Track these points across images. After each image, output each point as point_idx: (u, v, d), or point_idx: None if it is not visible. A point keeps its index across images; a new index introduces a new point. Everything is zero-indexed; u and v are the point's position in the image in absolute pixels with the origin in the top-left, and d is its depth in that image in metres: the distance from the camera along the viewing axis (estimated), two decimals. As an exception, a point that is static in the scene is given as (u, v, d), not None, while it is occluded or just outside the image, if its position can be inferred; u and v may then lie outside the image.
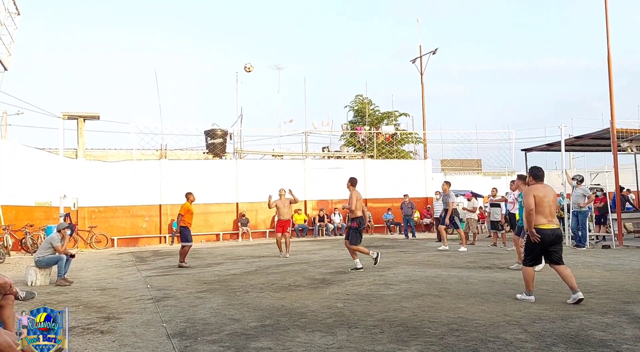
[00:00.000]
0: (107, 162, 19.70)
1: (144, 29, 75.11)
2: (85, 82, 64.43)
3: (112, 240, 18.66)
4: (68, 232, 10.23)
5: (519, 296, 6.54)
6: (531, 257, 6.48)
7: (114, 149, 21.68)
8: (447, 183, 14.42)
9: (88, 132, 19.92)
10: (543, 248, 6.38)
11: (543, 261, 7.00)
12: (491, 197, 15.42)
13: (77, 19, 73.49)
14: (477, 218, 16.86)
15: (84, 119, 19.48)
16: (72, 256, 9.67)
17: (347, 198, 10.66)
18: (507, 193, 14.40)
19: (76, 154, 19.44)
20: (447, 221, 13.96)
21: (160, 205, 19.62)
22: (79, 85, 63.48)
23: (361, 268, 9.73)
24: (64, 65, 66.79)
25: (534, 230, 6.33)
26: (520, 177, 10.57)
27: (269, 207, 13.06)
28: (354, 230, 10.00)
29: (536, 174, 6.64)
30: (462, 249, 13.37)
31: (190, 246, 11.83)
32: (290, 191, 13.12)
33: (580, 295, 6.14)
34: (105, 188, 18.91)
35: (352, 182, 10.34)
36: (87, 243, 18.02)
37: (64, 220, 14.67)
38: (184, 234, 11.71)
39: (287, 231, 13.12)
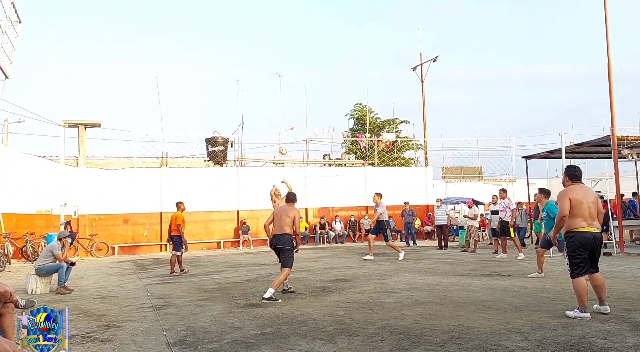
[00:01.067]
0: (108, 170, 19.73)
1: (145, 37, 75.54)
2: (87, 90, 64.70)
3: (113, 248, 18.64)
4: (69, 240, 10.24)
5: (570, 313, 5.84)
6: (577, 264, 5.84)
7: (114, 157, 21.72)
8: (378, 195, 14.47)
9: (89, 140, 19.99)
10: (586, 250, 5.83)
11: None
12: (492, 205, 15.41)
13: (79, 27, 73.90)
14: (478, 225, 16.85)
15: (85, 127, 19.53)
16: (73, 264, 9.66)
17: (348, 206, 10.66)
18: (496, 202, 14.53)
19: (77, 162, 19.47)
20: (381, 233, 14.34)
21: (161, 213, 19.61)
22: (80, 93, 63.74)
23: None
24: (65, 73, 67.11)
25: (556, 236, 6.20)
26: (542, 191, 11.02)
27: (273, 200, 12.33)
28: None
29: (573, 173, 6.13)
30: (401, 256, 13.67)
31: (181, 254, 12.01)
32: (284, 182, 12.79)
33: (605, 308, 5.90)
34: (106, 196, 18.92)
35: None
36: (88, 251, 18.00)
37: (65, 228, 14.67)
38: (179, 243, 11.83)
39: None
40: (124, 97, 65.12)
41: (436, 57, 25.61)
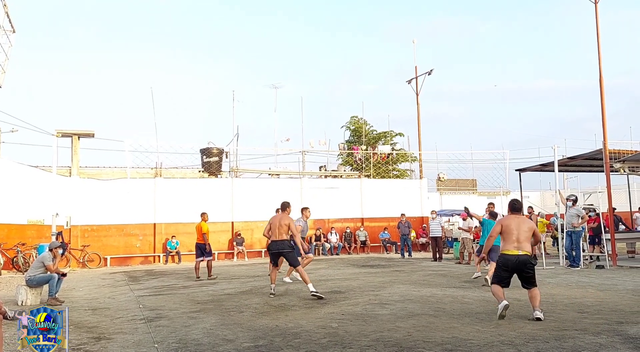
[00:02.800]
0: (101, 180, 19.65)
1: (140, 47, 75.60)
2: (80, 100, 64.62)
3: (105, 259, 18.51)
4: (60, 251, 10.17)
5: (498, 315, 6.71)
6: (497, 276, 6.95)
7: (108, 167, 21.63)
8: (306, 209, 12.80)
9: (82, 150, 19.91)
10: (507, 271, 6.80)
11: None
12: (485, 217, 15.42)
13: (73, 37, 73.95)
14: (472, 238, 16.86)
15: (79, 137, 19.48)
16: (64, 275, 9.59)
17: (344, 218, 10.79)
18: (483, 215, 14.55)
19: (70, 172, 19.39)
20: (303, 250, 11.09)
21: (154, 224, 19.53)
22: (74, 103, 63.64)
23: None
24: (59, 82, 67.00)
25: (485, 252, 7.88)
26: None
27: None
28: None
29: (513, 206, 7.21)
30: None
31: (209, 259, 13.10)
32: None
33: (538, 314, 6.48)
34: (98, 206, 18.83)
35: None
36: (80, 262, 17.88)
37: (56, 238, 14.57)
38: (204, 249, 13.01)
39: None
40: (118, 107, 65.05)
41: (431, 71, 25.77)
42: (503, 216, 11.12)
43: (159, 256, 19.39)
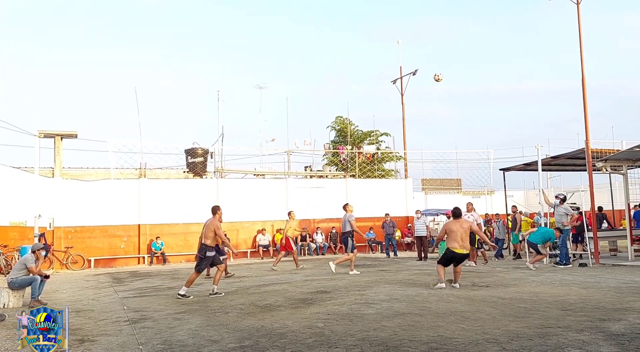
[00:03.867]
0: (85, 181, 19.43)
1: (123, 46, 74.85)
2: (63, 100, 63.85)
3: (89, 261, 18.31)
4: (43, 253, 10.04)
5: (434, 285, 9.64)
6: (442, 262, 9.86)
7: (91, 168, 21.42)
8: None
9: (65, 151, 19.67)
10: (452, 261, 9.70)
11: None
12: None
13: (55, 36, 73.05)
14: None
15: (61, 138, 19.24)
16: (47, 276, 9.47)
17: (329, 218, 10.89)
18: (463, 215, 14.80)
19: (53, 173, 19.15)
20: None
21: (139, 225, 19.37)
22: (57, 103, 62.89)
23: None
24: (42, 82, 66.14)
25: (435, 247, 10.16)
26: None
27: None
28: None
29: (454, 212, 9.89)
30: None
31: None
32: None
33: (457, 285, 9.60)
34: (82, 208, 18.62)
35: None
36: (63, 264, 17.66)
37: (39, 240, 14.39)
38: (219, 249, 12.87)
39: (291, 247, 15.49)
40: (102, 108, 64.41)
41: (415, 71, 25.86)
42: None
43: (143, 257, 19.24)
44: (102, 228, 18.93)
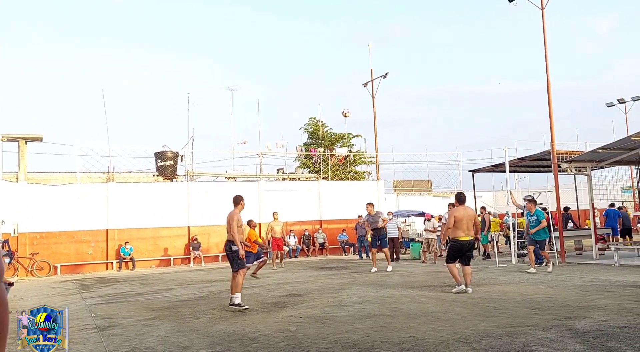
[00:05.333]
0: (50, 185, 18.95)
1: (89, 46, 73.31)
2: (27, 102, 62.22)
3: (55, 267, 17.86)
4: (6, 259, 9.75)
5: (452, 290, 8.77)
6: (451, 257, 8.99)
7: (57, 172, 20.89)
8: (371, 204, 15.24)
9: (30, 155, 19.14)
10: (460, 252, 8.87)
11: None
12: (444, 217, 15.74)
13: (18, 35, 71.16)
14: (435, 238, 17.12)
15: (26, 141, 18.73)
16: (11, 284, 9.19)
17: (302, 220, 10.80)
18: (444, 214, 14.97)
19: (17, 178, 18.62)
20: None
21: (107, 230, 18.98)
22: (20, 105, 61.22)
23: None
24: (4, 83, 64.35)
25: (443, 241, 9.60)
26: (531, 200, 12.69)
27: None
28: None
29: (459, 198, 9.13)
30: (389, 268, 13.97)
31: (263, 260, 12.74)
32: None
33: (469, 289, 8.70)
34: (48, 213, 18.15)
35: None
36: (28, 271, 17.18)
37: (2, 247, 13.97)
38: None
39: (282, 247, 16.50)
40: (68, 110, 63.00)
41: (386, 74, 26.06)
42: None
43: (112, 263, 18.86)
44: (69, 233, 18.48)
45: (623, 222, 17.45)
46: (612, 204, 17.48)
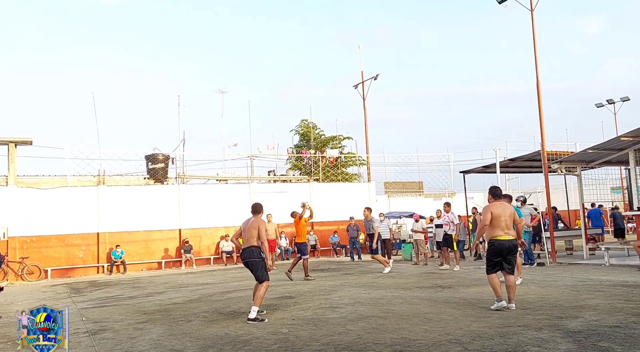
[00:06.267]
0: (41, 189, 18.80)
1: (79, 48, 72.92)
2: (17, 105, 61.74)
3: (46, 271, 17.71)
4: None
5: (492, 307, 7.16)
6: (491, 265, 7.21)
7: (47, 176, 20.73)
8: (369, 209, 15.02)
9: (20, 158, 18.98)
10: (500, 255, 7.14)
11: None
12: (436, 219, 15.80)
13: (7, 37, 70.60)
14: (424, 239, 17.17)
15: (15, 144, 18.57)
16: (0, 288, 9.11)
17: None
18: (442, 215, 15.00)
19: (6, 181, 18.45)
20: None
21: (98, 233, 18.85)
22: (10, 108, 60.74)
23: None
24: (-5, 88, 63.78)
25: (478, 242, 7.88)
26: (517, 200, 12.07)
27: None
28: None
29: (494, 192, 7.49)
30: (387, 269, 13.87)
31: (307, 258, 13.20)
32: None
33: (512, 305, 7.11)
34: (38, 216, 18.00)
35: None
36: (18, 275, 17.03)
37: (-8, 251, 13.82)
38: (300, 249, 13.23)
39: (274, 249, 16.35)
40: (58, 113, 62.58)
41: (377, 76, 26.11)
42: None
43: (103, 266, 18.74)
44: (59, 237, 18.34)
45: (616, 222, 17.59)
46: (594, 204, 17.63)
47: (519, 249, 7.55)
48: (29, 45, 69.87)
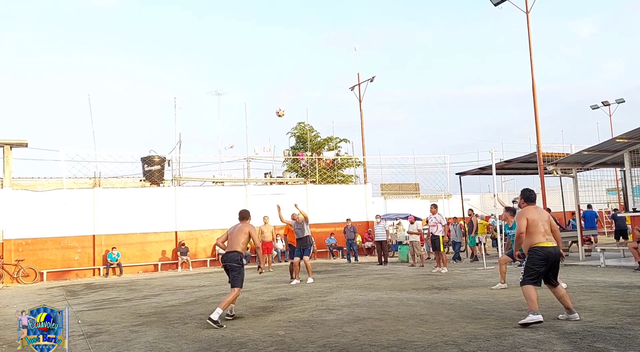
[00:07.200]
0: (36, 191, 18.75)
1: (75, 51, 72.77)
2: (12, 107, 61.56)
3: (41, 274, 17.65)
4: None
5: (522, 321, 6.06)
6: (531, 275, 6.24)
7: (43, 178, 20.68)
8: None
9: (15, 161, 18.94)
10: (547, 262, 6.21)
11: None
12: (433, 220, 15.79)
13: (2, 40, 70.41)
14: (419, 240, 17.19)
15: (11, 147, 18.53)
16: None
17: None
18: (428, 217, 15.02)
19: (2, 184, 18.40)
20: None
21: (93, 235, 18.81)
22: (5, 110, 60.58)
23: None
24: (-10, 90, 63.56)
25: (518, 252, 6.80)
26: (508, 209, 11.36)
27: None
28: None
29: (528, 196, 6.62)
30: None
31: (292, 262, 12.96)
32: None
33: (575, 315, 6.30)
34: (34, 219, 17.94)
35: None
36: (14, 278, 16.97)
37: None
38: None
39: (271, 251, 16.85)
40: (54, 115, 62.43)
41: (373, 77, 26.17)
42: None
43: (99, 269, 18.69)
44: (55, 240, 18.28)
45: (618, 224, 17.61)
46: (590, 206, 17.67)
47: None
48: (24, 47, 69.75)
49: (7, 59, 67.49)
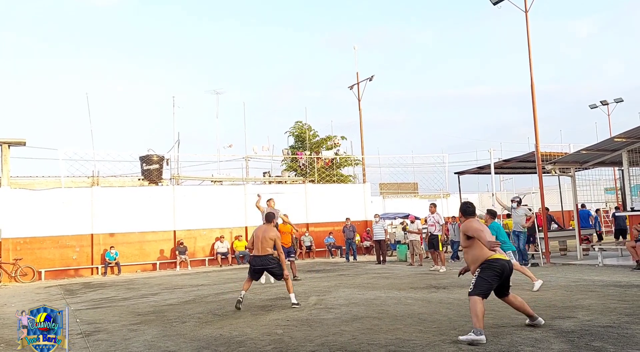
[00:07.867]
0: (34, 190, 18.71)
1: (73, 51, 72.59)
2: (10, 106, 61.43)
3: (39, 273, 17.62)
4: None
5: (462, 337, 5.42)
6: (485, 288, 5.72)
7: (41, 177, 20.66)
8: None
9: (13, 159, 18.89)
10: (501, 280, 5.80)
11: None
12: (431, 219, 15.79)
13: (2, 41, 70.26)
14: (419, 239, 17.20)
15: (9, 145, 18.49)
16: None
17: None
18: (427, 216, 15.05)
19: (0, 182, 18.37)
20: None
21: (92, 234, 18.78)
22: (4, 109, 60.44)
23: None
24: (-12, 89, 63.39)
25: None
26: (489, 212, 11.17)
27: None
28: None
29: (465, 210, 6.31)
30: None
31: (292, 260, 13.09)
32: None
33: (542, 321, 5.98)
34: (32, 218, 17.91)
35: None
36: (12, 277, 16.95)
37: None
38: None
39: None
40: (52, 114, 62.28)
41: (372, 77, 26.15)
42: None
43: (97, 268, 18.67)
44: (53, 239, 18.25)
45: (618, 223, 17.61)
46: (583, 205, 17.68)
47: None
48: (23, 46, 69.61)
49: (6, 58, 67.39)
